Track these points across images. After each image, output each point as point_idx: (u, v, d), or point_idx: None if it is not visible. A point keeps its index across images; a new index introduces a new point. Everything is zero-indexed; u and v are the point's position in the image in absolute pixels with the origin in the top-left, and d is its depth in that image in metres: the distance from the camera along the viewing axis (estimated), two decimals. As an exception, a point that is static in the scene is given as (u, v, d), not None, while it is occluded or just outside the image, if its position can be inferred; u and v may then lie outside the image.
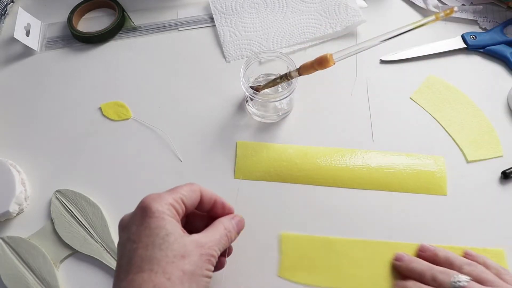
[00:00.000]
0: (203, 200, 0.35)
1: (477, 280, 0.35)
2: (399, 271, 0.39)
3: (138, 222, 0.31)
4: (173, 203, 0.32)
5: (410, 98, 0.50)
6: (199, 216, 0.38)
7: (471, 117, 0.48)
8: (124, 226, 0.32)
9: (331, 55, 0.39)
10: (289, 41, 0.54)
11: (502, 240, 0.41)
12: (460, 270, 0.36)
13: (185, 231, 0.32)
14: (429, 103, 0.49)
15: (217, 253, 0.33)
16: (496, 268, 0.37)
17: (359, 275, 0.40)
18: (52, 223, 0.43)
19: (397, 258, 0.40)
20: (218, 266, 0.36)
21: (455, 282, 0.34)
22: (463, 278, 0.34)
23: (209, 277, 0.31)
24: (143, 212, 0.31)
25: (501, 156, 0.45)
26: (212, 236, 0.33)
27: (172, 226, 0.31)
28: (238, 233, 0.36)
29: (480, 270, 0.36)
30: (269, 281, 0.40)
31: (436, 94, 0.50)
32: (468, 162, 0.45)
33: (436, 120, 0.48)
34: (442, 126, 0.48)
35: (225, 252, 0.36)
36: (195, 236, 0.32)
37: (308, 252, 0.41)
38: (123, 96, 0.51)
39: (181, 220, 0.33)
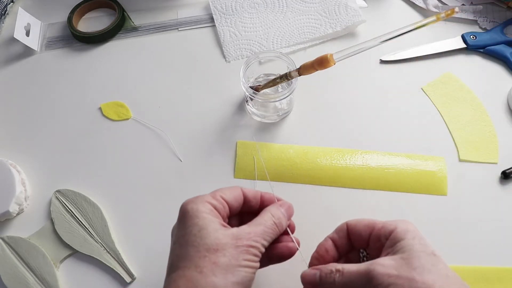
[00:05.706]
0: (249, 198, 0.35)
1: None
2: None
3: (177, 225, 0.33)
4: (210, 200, 0.32)
5: (421, 88, 0.50)
6: (253, 216, 0.36)
7: (477, 120, 0.48)
8: (172, 233, 0.34)
9: (331, 55, 0.39)
10: (289, 41, 0.54)
11: (503, 240, 0.41)
12: None
13: (226, 225, 0.32)
14: (437, 97, 0.49)
15: (260, 243, 0.32)
16: None
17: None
18: (52, 223, 0.43)
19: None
20: (285, 251, 0.35)
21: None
22: None
23: (251, 267, 0.31)
24: (180, 215, 0.33)
25: (496, 163, 0.45)
26: (254, 227, 0.32)
27: (205, 221, 0.31)
28: (288, 219, 0.36)
29: None
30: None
31: (449, 91, 0.49)
32: (460, 160, 0.45)
33: (440, 113, 0.48)
34: (445, 121, 0.47)
35: (287, 232, 0.35)
36: (233, 229, 0.32)
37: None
38: (123, 96, 0.51)
39: (232, 218, 0.35)
